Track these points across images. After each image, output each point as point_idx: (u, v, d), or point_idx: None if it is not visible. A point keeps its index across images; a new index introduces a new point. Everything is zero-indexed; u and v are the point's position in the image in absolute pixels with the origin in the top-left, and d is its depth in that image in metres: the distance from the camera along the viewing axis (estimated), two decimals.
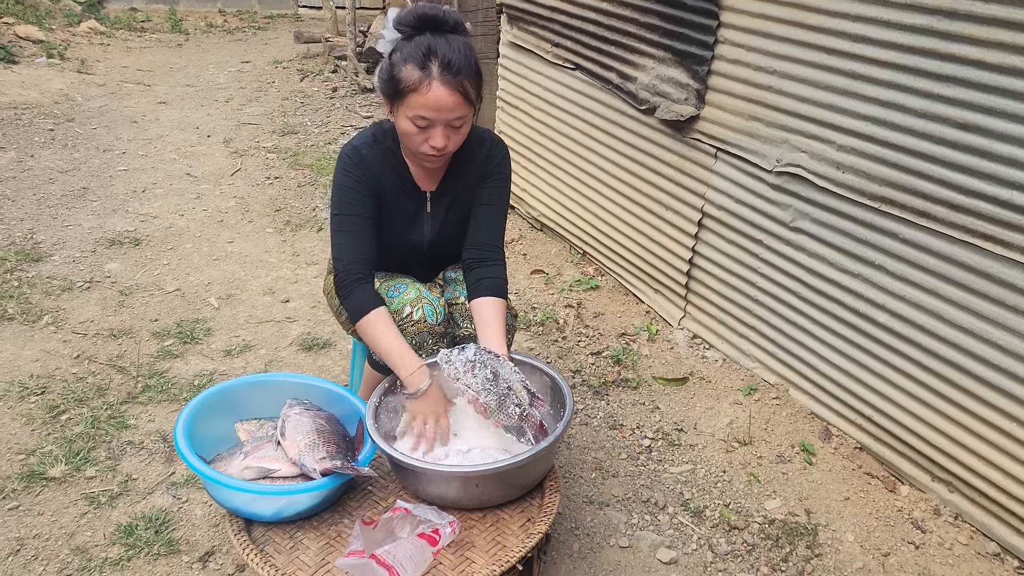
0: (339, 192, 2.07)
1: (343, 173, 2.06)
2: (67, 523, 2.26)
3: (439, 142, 1.90)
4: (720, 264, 3.05)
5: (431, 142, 1.91)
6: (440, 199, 2.18)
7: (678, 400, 2.87)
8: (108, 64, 7.82)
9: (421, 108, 1.86)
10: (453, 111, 1.87)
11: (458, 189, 2.18)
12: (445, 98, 1.84)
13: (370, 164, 2.07)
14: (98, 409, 2.72)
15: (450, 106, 1.86)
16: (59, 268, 3.69)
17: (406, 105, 1.88)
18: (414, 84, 1.84)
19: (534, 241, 4.08)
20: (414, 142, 1.94)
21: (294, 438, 1.92)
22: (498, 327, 2.04)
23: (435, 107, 1.85)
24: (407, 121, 1.91)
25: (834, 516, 2.34)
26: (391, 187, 2.11)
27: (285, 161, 5.28)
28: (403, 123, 1.92)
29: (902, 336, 2.42)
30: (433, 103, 1.84)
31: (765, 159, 2.75)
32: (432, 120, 1.87)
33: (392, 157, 2.10)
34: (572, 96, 3.68)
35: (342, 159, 2.08)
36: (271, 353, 3.12)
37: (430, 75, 1.83)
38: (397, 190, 2.12)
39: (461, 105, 1.87)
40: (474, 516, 1.89)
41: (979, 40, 2.06)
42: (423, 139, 1.92)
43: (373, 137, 2.10)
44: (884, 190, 2.38)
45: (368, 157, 2.07)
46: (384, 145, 2.09)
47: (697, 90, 2.96)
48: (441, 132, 1.90)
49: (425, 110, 1.86)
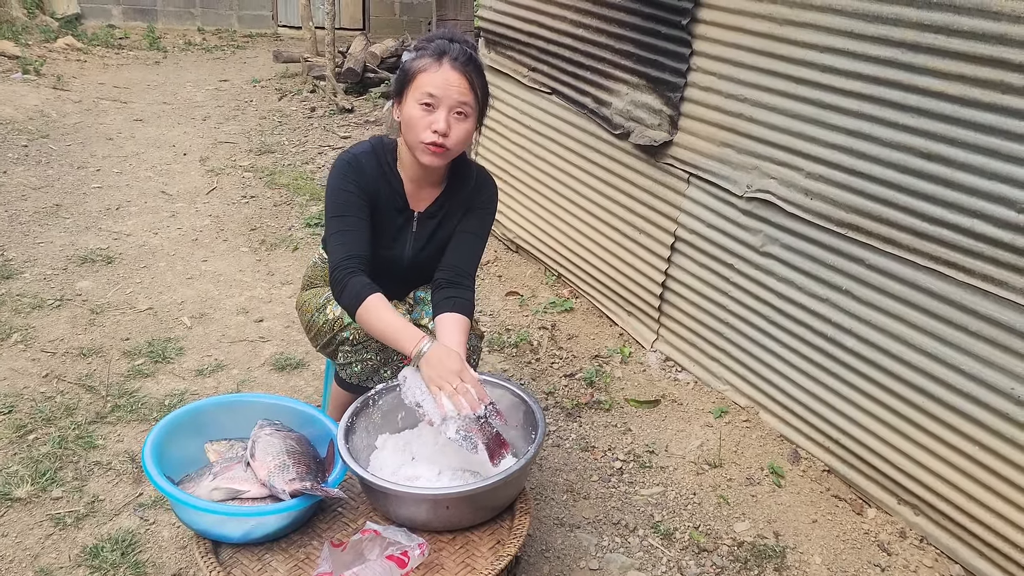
0: (335, 195, 2.07)
1: (341, 177, 2.08)
2: (31, 544, 2.23)
3: (442, 125, 1.94)
4: (692, 287, 3.08)
5: (434, 126, 1.94)
6: (427, 220, 2.20)
7: (650, 422, 2.89)
8: (84, 81, 7.78)
9: (429, 85, 1.93)
10: (460, 93, 1.94)
11: (445, 214, 2.21)
12: (455, 77, 1.93)
13: (367, 172, 2.10)
14: (66, 429, 2.69)
15: (457, 85, 1.93)
16: (29, 285, 3.65)
17: (415, 87, 1.95)
18: (425, 66, 1.95)
19: (509, 263, 4.10)
20: (417, 128, 1.96)
21: (264, 459, 1.91)
22: (457, 332, 2.03)
23: (443, 83, 1.93)
24: (414, 105, 1.96)
25: (802, 538, 2.36)
26: (383, 199, 2.13)
27: (262, 180, 5.28)
28: (409, 109, 1.97)
29: (868, 360, 2.46)
30: (442, 80, 1.93)
31: (736, 185, 2.79)
32: (439, 98, 1.93)
33: (388, 170, 2.14)
34: (548, 120, 3.72)
35: (340, 165, 2.10)
36: (243, 373, 3.10)
37: (442, 60, 1.94)
38: (388, 203, 2.14)
39: (468, 90, 1.95)
40: (444, 538, 1.88)
41: (941, 72, 2.12)
42: (427, 124, 1.95)
43: (372, 148, 2.14)
44: (851, 217, 2.43)
45: (365, 166, 2.10)
46: (381, 158, 2.13)
47: (670, 116, 3.01)
48: (444, 116, 1.94)
49: (433, 87, 1.93)
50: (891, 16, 2.20)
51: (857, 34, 2.30)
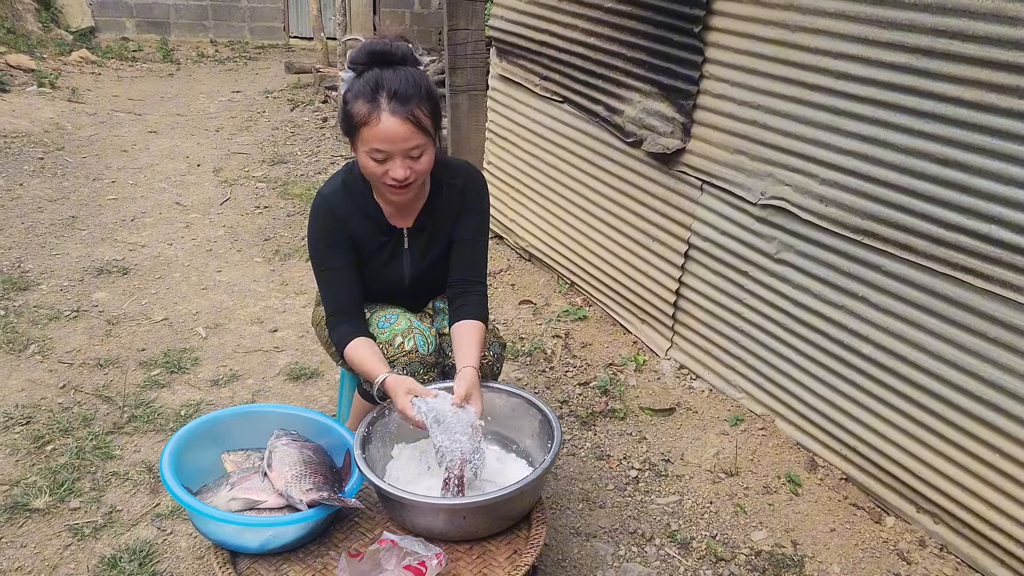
0: (312, 245, 2.11)
1: (315, 225, 2.09)
2: (50, 555, 2.24)
3: (399, 173, 1.90)
4: (706, 295, 3.07)
5: (391, 174, 1.91)
6: (418, 235, 2.18)
7: (665, 430, 2.88)
8: (99, 93, 7.85)
9: (374, 140, 1.87)
10: (407, 140, 1.87)
11: (435, 223, 2.17)
12: (396, 128, 1.85)
13: (339, 211, 2.08)
14: (83, 439, 2.70)
15: (402, 135, 1.86)
16: (46, 297, 3.68)
17: (362, 140, 1.90)
18: (364, 118, 1.86)
19: (522, 271, 4.10)
20: (376, 176, 1.94)
21: (281, 469, 1.91)
22: (471, 344, 2.05)
23: (387, 138, 1.86)
24: (365, 157, 1.92)
25: (820, 547, 2.35)
26: (366, 231, 2.11)
27: (275, 191, 5.30)
28: (363, 159, 1.93)
29: (886, 367, 2.44)
30: (384, 134, 1.85)
31: (750, 192, 2.79)
32: (388, 152, 1.88)
33: (361, 200, 2.10)
34: (560, 128, 3.73)
35: (313, 211, 2.10)
36: (258, 383, 3.11)
37: (378, 107, 1.84)
38: (371, 235, 2.12)
39: (414, 134, 1.87)
40: (461, 548, 1.88)
41: (957, 78, 2.11)
42: (383, 172, 1.92)
43: (343, 182, 2.11)
44: (866, 223, 2.41)
45: (336, 205, 2.08)
46: (354, 189, 2.09)
47: (683, 124, 3.01)
48: (400, 163, 1.90)
49: (378, 142, 1.87)
50: (905, 22, 2.20)
51: (871, 40, 2.29)
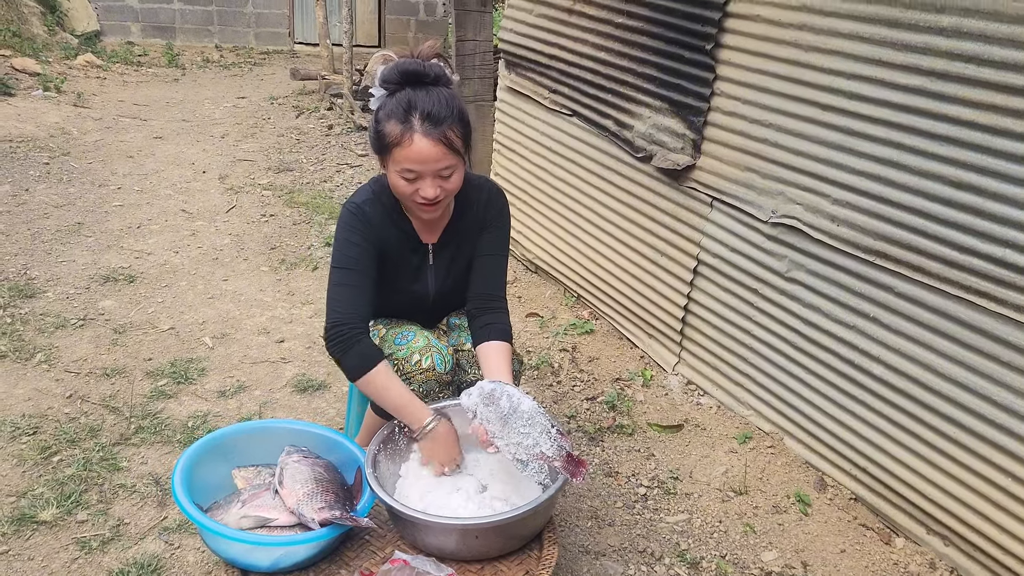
0: (343, 246, 2.08)
1: (348, 228, 2.08)
2: (57, 569, 2.23)
3: (429, 193, 1.93)
4: (715, 311, 3.07)
5: (422, 193, 1.94)
6: (442, 251, 2.20)
7: (673, 447, 2.87)
8: (104, 98, 7.85)
9: (406, 161, 1.90)
10: (438, 161, 1.90)
11: (459, 239, 2.20)
12: (428, 149, 1.88)
13: (373, 221, 2.09)
14: (90, 451, 2.69)
15: (434, 157, 1.89)
16: (52, 305, 3.68)
17: (393, 160, 1.92)
18: (397, 138, 1.89)
19: (529, 284, 4.10)
20: (406, 195, 1.97)
21: (292, 487, 1.91)
22: (505, 369, 2.07)
23: (419, 159, 1.89)
24: (396, 176, 1.95)
25: (831, 569, 2.34)
26: (395, 243, 2.13)
27: (280, 199, 5.30)
28: (393, 178, 1.96)
29: (897, 388, 2.44)
30: (416, 155, 1.88)
31: (760, 210, 2.79)
32: (419, 172, 1.91)
33: (393, 212, 2.12)
34: (569, 142, 3.73)
35: (345, 216, 2.10)
36: (265, 394, 3.11)
37: (411, 128, 1.87)
38: (401, 245, 2.14)
39: (446, 155, 1.90)
40: (472, 568, 1.88)
41: (972, 102, 2.12)
42: (414, 191, 1.94)
43: (373, 193, 2.12)
44: (879, 244, 2.41)
45: (371, 214, 2.09)
46: (384, 201, 2.11)
47: (693, 140, 3.01)
48: (430, 183, 1.93)
49: (410, 163, 1.89)
50: (920, 44, 2.20)
51: (885, 62, 2.30)
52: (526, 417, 1.86)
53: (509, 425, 1.85)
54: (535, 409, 1.88)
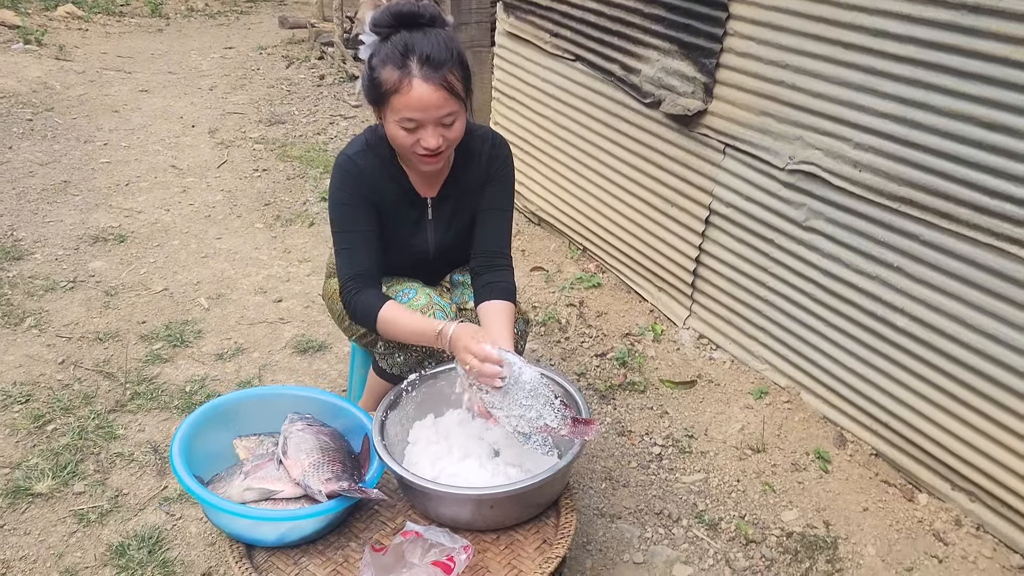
0: (334, 208, 1.98)
1: (337, 188, 1.98)
2: (55, 543, 2.16)
3: (431, 143, 1.81)
4: (728, 263, 2.96)
5: (423, 143, 1.82)
6: (442, 205, 2.09)
7: (687, 404, 2.79)
8: (87, 50, 7.61)
9: (406, 109, 1.77)
10: (440, 108, 1.78)
11: (460, 193, 2.09)
12: (429, 95, 1.75)
13: (367, 174, 1.97)
14: (85, 418, 2.61)
15: (436, 103, 1.77)
16: (41, 267, 3.55)
17: (391, 108, 1.80)
18: (394, 85, 1.76)
19: (532, 236, 3.98)
20: (406, 146, 1.85)
21: (297, 457, 1.82)
22: (506, 332, 1.95)
23: (420, 106, 1.76)
24: (395, 125, 1.82)
25: (854, 528, 2.27)
26: (391, 197, 2.01)
27: (273, 152, 5.14)
28: (392, 128, 1.84)
29: (922, 340, 2.35)
30: (417, 102, 1.76)
31: (777, 156, 2.66)
32: (420, 120, 1.79)
33: (389, 165, 2.01)
34: (572, 88, 3.58)
35: (336, 172, 1.99)
36: (264, 356, 3.01)
37: (409, 73, 1.75)
38: (398, 200, 2.03)
39: (448, 101, 1.78)
40: (487, 538, 1.80)
41: (1006, 36, 1.98)
42: (414, 142, 1.82)
43: (367, 144, 2.00)
44: (904, 190, 2.30)
45: (364, 167, 1.98)
46: (379, 153, 1.99)
47: (704, 84, 2.87)
48: (432, 132, 1.81)
49: (410, 111, 1.77)
50: None
51: None
52: (528, 388, 1.75)
53: (510, 396, 1.76)
54: (538, 380, 1.77)
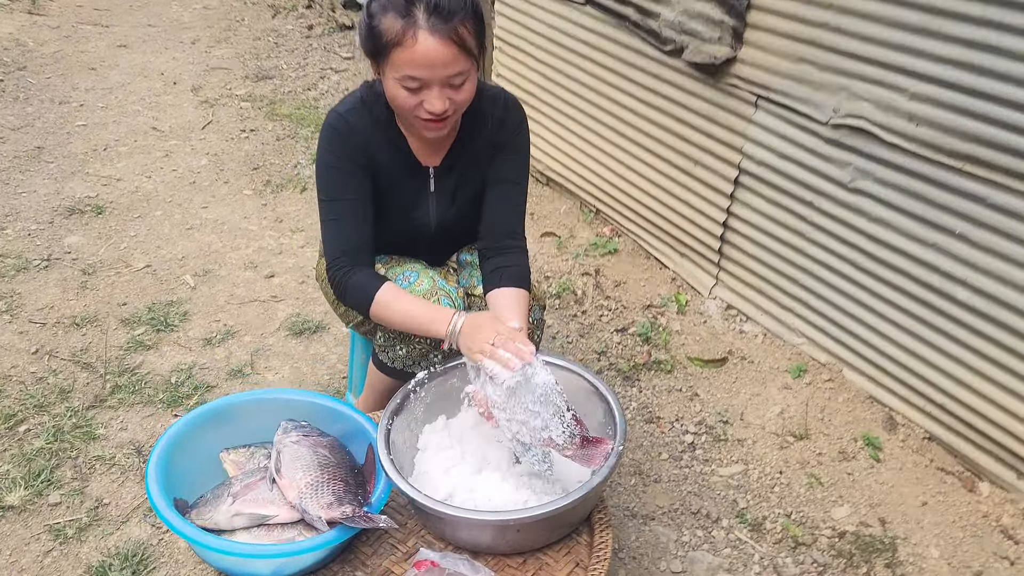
0: (323, 172, 1.73)
1: (326, 149, 1.72)
2: (29, 564, 1.94)
3: (437, 106, 1.55)
4: (760, 227, 2.71)
5: (427, 106, 1.56)
6: (445, 175, 1.83)
7: (719, 384, 2.56)
8: (61, 3, 7.19)
9: (409, 66, 1.51)
10: (448, 66, 1.52)
11: (467, 162, 1.83)
12: (436, 50, 1.49)
13: (360, 135, 1.72)
14: (61, 417, 2.38)
15: (444, 60, 1.51)
16: (12, 244, 3.29)
17: (391, 64, 1.54)
18: (397, 37, 1.50)
19: (540, 198, 3.71)
20: (407, 108, 1.59)
21: (292, 476, 1.60)
22: (519, 320, 1.70)
23: (425, 63, 1.50)
24: (395, 84, 1.56)
25: (913, 526, 2.06)
26: (387, 163, 1.76)
27: (261, 111, 4.83)
28: (392, 87, 1.58)
29: (985, 315, 2.11)
30: (422, 58, 1.50)
31: (818, 109, 2.38)
32: (424, 80, 1.53)
33: (387, 127, 1.75)
34: (582, 35, 3.27)
35: (325, 130, 1.73)
36: (256, 340, 2.77)
37: (415, 24, 1.48)
38: (394, 164, 1.77)
39: (458, 58, 1.52)
40: (512, 563, 1.58)
41: None
42: (417, 103, 1.57)
43: (362, 102, 1.74)
44: (968, 146, 2.03)
45: (357, 126, 1.72)
46: (376, 112, 1.73)
47: (733, 28, 2.57)
48: (438, 93, 1.55)
49: (414, 68, 1.51)
50: None
51: None
52: (538, 392, 1.52)
53: (516, 397, 1.52)
54: (552, 385, 1.54)
